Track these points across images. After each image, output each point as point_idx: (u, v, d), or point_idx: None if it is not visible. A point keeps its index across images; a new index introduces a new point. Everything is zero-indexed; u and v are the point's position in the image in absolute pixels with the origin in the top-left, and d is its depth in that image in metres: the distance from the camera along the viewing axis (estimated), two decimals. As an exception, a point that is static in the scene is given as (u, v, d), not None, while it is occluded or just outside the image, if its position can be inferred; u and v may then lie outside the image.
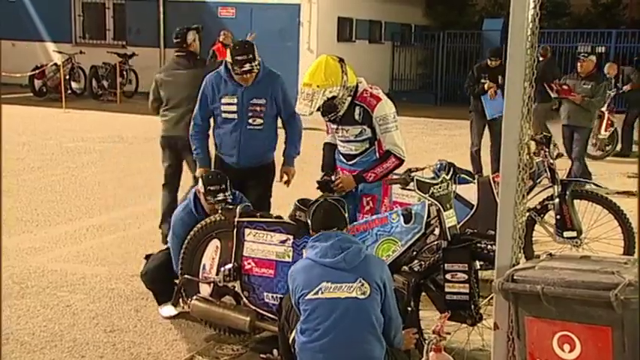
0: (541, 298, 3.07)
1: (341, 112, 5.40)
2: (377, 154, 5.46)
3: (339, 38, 21.90)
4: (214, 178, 5.70)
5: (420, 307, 4.91)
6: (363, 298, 4.04)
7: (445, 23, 25.89)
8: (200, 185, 5.67)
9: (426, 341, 3.92)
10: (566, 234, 6.67)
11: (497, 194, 6.66)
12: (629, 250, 6.71)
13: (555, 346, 3.13)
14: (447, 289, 4.63)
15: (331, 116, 5.45)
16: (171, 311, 5.79)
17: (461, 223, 5.51)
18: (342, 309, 4.01)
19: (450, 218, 4.75)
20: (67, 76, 20.27)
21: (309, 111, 5.28)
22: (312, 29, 20.57)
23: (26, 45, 23.09)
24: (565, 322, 3.10)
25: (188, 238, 5.44)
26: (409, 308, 4.69)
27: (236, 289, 5.22)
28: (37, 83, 20.35)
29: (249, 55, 5.94)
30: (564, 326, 3.10)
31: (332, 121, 5.51)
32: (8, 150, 12.77)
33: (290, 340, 4.25)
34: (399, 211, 4.91)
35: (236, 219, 5.21)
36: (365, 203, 5.53)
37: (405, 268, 4.89)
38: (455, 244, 4.67)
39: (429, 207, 4.78)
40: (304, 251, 4.90)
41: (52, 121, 17.05)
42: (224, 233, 5.27)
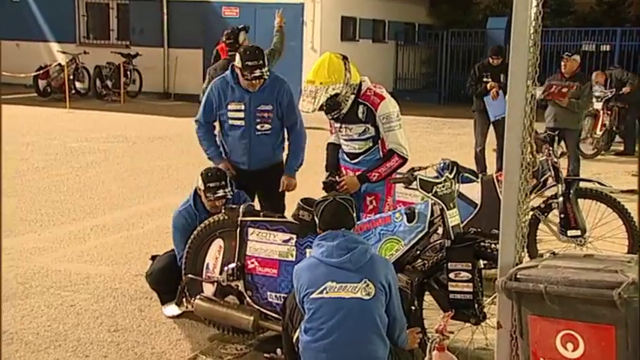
0: (544, 296, 3.06)
1: (344, 109, 5.39)
2: (380, 152, 5.45)
3: (343, 37, 21.83)
4: (214, 175, 5.71)
5: (423, 306, 4.90)
6: (367, 298, 4.03)
7: (449, 22, 25.77)
8: (200, 182, 5.68)
9: (430, 340, 3.92)
10: (570, 233, 6.66)
11: (501, 193, 6.77)
12: (634, 248, 6.69)
13: (559, 344, 3.12)
14: (450, 288, 4.62)
15: (334, 114, 5.44)
16: (175, 311, 5.80)
17: (465, 222, 5.50)
18: (346, 309, 4.01)
19: (454, 217, 4.74)
20: (71, 76, 20.26)
21: (312, 108, 5.27)
22: (315, 28, 20.53)
23: (30, 45, 23.05)
24: (568, 321, 3.09)
25: (191, 238, 5.44)
26: (413, 307, 4.69)
27: (239, 289, 5.21)
28: (42, 83, 20.31)
29: (260, 60, 5.86)
30: (568, 325, 3.09)
31: (335, 119, 5.51)
32: (12, 150, 12.78)
33: (294, 339, 4.24)
34: (403, 210, 4.90)
35: (239, 218, 5.20)
36: (368, 202, 5.52)
37: (408, 267, 4.88)
38: (458, 243, 4.67)
39: (432, 206, 4.76)
40: (308, 250, 4.92)
41: (56, 121, 17.05)
42: (227, 233, 5.26)
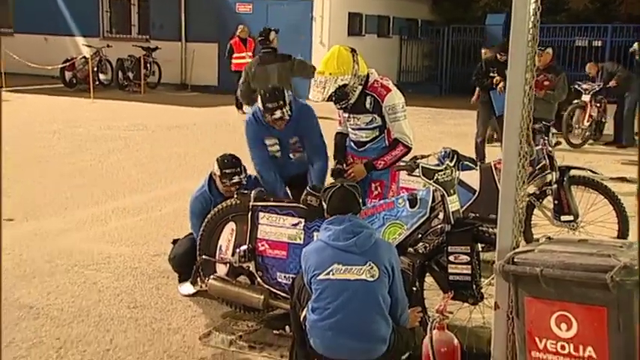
0: (540, 279, 3.00)
1: (352, 100, 5.32)
2: (386, 141, 5.40)
3: (350, 32, 21.72)
4: (230, 161, 5.66)
5: (424, 287, 4.86)
6: (371, 280, 3.98)
7: (450, 18, 25.71)
8: (216, 168, 5.65)
9: (430, 320, 3.87)
10: (563, 218, 6.60)
11: (499, 180, 6.70)
12: (623, 233, 6.63)
13: (553, 324, 3.07)
14: (450, 270, 4.57)
15: (342, 104, 5.38)
16: (190, 289, 5.77)
17: (464, 208, 5.46)
18: (351, 290, 3.96)
19: (454, 203, 4.68)
20: (95, 68, 20.32)
21: (322, 97, 5.21)
22: (324, 24, 20.47)
23: (57, 39, 23.15)
24: (563, 303, 3.04)
25: (205, 221, 5.41)
26: (414, 288, 4.65)
27: (250, 270, 5.18)
28: (68, 75, 20.40)
29: (280, 101, 5.41)
30: (562, 306, 3.04)
31: (343, 108, 5.45)
32: (40, 137, 12.87)
33: (301, 317, 4.19)
34: (405, 196, 4.85)
35: (251, 203, 5.17)
36: (373, 188, 5.46)
37: (410, 249, 4.83)
38: (458, 228, 4.61)
39: (433, 192, 4.71)
40: (315, 234, 4.88)
41: (81, 110, 17.02)
42: (239, 217, 5.23)
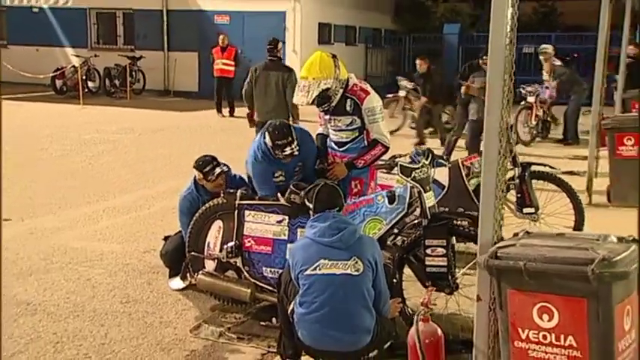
0: (523, 273, 2.85)
1: (334, 102, 5.13)
2: (365, 141, 5.22)
3: (320, 41, 21.58)
4: (204, 162, 5.46)
5: (402, 278, 4.70)
6: (356, 274, 3.82)
7: (410, 28, 25.70)
8: (197, 173, 5.47)
9: (415, 313, 3.70)
10: (525, 210, 6.49)
11: (466, 177, 6.59)
12: (579, 223, 6.54)
13: (535, 315, 2.92)
14: (427, 262, 4.44)
15: (325, 107, 5.17)
16: (180, 284, 5.55)
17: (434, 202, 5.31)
18: (337, 284, 3.79)
19: (430, 199, 4.54)
20: (84, 77, 20.03)
21: (306, 101, 5.01)
22: (296, 33, 20.32)
23: (48, 50, 22.78)
24: (544, 294, 2.89)
25: (193, 219, 5.21)
26: (394, 280, 4.49)
27: (238, 265, 5.00)
28: (58, 83, 20.13)
29: (289, 138, 5.05)
30: (544, 298, 2.89)
31: (326, 111, 5.24)
32: (34, 141, 12.56)
33: (289, 311, 4.01)
34: (384, 193, 4.70)
35: (237, 202, 4.98)
36: (353, 186, 5.29)
37: (389, 243, 4.68)
38: (434, 222, 4.47)
39: (410, 189, 4.57)
40: (299, 230, 4.75)
41: (72, 116, 16.66)
42: (226, 215, 5.04)
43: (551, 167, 6.85)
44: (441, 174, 6.29)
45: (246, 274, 4.98)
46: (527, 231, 3.19)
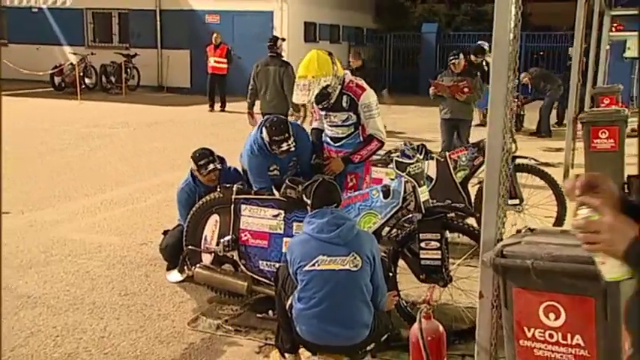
0: (530, 271, 2.61)
1: (332, 99, 4.87)
2: (360, 137, 4.98)
3: (306, 39, 21.37)
4: (201, 154, 5.22)
5: (397, 271, 4.47)
6: (355, 270, 3.58)
7: (391, 27, 25.46)
8: (192, 164, 5.23)
9: (414, 308, 3.46)
10: (510, 202, 6.24)
11: (453, 169, 6.38)
12: (562, 215, 6.34)
13: (541, 314, 2.68)
14: (421, 256, 4.21)
15: (324, 104, 4.91)
16: (178, 277, 5.28)
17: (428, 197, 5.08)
18: (336, 280, 3.55)
19: (424, 194, 4.31)
20: (81, 74, 19.59)
21: (307, 99, 4.76)
22: (283, 32, 19.98)
23: (47, 48, 22.32)
24: (551, 293, 2.64)
25: (190, 213, 4.94)
26: (390, 274, 4.25)
27: (234, 258, 4.74)
28: (57, 79, 19.74)
29: (286, 134, 4.85)
30: (550, 297, 2.65)
31: (324, 108, 4.98)
32: (33, 136, 12.19)
33: (287, 305, 3.76)
34: (379, 187, 4.46)
35: (233, 196, 4.71)
36: (349, 180, 5.04)
37: (384, 237, 4.45)
38: (428, 216, 4.24)
39: (405, 184, 4.32)
40: (295, 224, 4.51)
41: (69, 111, 16.25)
42: (223, 209, 4.77)
43: (535, 160, 6.66)
44: (429, 167, 6.08)
45: (242, 267, 4.72)
46: (530, 228, 2.95)
